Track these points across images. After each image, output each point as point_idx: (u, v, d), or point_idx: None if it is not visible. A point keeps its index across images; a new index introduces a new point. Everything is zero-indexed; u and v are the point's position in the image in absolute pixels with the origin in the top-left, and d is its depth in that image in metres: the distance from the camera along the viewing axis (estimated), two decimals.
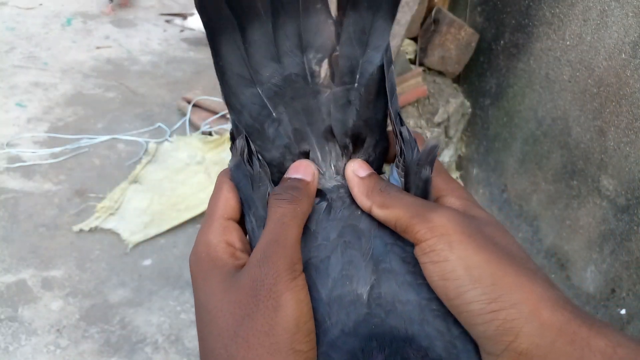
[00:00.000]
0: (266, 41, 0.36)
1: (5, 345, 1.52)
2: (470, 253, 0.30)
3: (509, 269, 0.29)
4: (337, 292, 0.33)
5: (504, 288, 0.29)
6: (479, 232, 0.31)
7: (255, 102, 0.37)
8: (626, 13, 1.39)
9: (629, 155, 1.41)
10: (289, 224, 0.33)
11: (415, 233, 0.32)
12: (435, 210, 0.32)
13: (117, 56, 3.08)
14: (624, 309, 1.47)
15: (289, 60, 0.36)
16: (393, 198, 0.34)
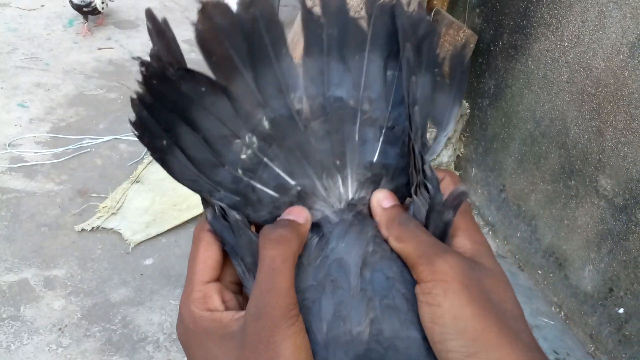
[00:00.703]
0: (249, 91, 0.38)
1: (8, 344, 1.53)
2: (461, 304, 0.31)
3: (493, 327, 0.30)
4: (333, 333, 0.34)
5: (483, 345, 0.30)
6: (476, 284, 0.32)
7: (244, 153, 0.38)
8: (624, 14, 1.40)
9: (627, 156, 1.42)
10: (280, 270, 0.33)
11: (419, 272, 0.33)
12: (442, 255, 0.33)
13: (119, 57, 3.09)
14: (621, 308, 1.48)
15: (275, 103, 0.38)
16: (409, 233, 0.35)
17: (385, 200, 0.38)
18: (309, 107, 0.39)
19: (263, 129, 0.38)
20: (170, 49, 0.36)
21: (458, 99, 0.41)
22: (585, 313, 1.59)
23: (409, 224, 0.36)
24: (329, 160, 0.40)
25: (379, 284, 0.35)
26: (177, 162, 0.36)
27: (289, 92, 0.39)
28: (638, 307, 1.42)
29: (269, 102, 0.38)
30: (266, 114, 0.38)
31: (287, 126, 0.39)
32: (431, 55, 0.40)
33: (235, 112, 0.38)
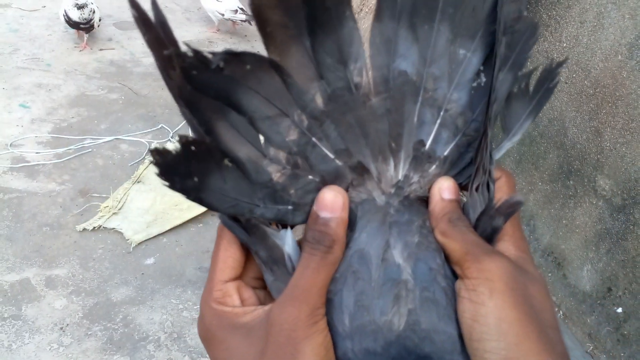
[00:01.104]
0: (304, 63, 0.35)
1: (9, 343, 1.53)
2: (506, 306, 0.31)
3: (533, 334, 0.30)
4: (357, 322, 0.34)
5: (523, 351, 0.30)
6: (522, 288, 0.32)
7: (291, 135, 0.36)
8: (622, 15, 1.40)
9: (625, 156, 1.43)
10: (320, 272, 0.33)
11: (464, 269, 0.33)
12: (490, 255, 0.33)
13: (120, 58, 3.10)
14: (620, 308, 1.48)
15: (332, 76, 0.36)
16: (457, 231, 0.35)
17: (447, 191, 0.37)
18: (372, 80, 0.37)
19: (315, 106, 0.36)
20: (168, 35, 0.34)
21: (534, 114, 0.39)
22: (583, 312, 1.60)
23: (458, 222, 0.36)
24: (384, 142, 0.38)
25: (421, 275, 0.35)
26: (214, 194, 0.34)
27: (350, 62, 0.36)
28: (636, 306, 1.43)
29: (325, 74, 0.36)
30: (321, 89, 0.36)
31: (343, 102, 0.36)
32: (521, 56, 0.38)
33: (286, 88, 0.35)
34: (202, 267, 1.86)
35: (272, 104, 0.35)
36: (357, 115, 0.37)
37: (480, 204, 0.36)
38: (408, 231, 0.36)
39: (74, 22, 3.04)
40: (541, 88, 0.39)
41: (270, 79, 0.35)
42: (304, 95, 0.36)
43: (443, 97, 0.38)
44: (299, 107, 0.36)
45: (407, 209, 0.37)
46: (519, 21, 0.38)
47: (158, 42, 0.33)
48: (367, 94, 0.37)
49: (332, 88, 0.36)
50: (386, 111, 0.37)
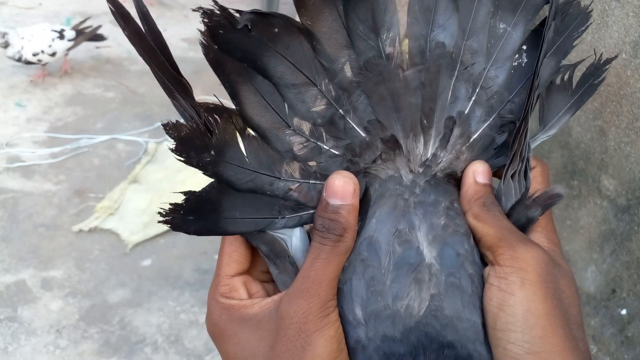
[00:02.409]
0: (336, 29, 0.33)
1: (5, 345, 1.52)
2: (536, 298, 0.30)
3: (560, 330, 0.30)
4: (371, 308, 0.32)
5: (549, 346, 0.29)
6: (554, 281, 0.32)
7: (318, 106, 0.34)
8: (626, 13, 1.39)
9: (630, 155, 1.42)
10: (330, 262, 0.33)
11: (497, 255, 0.32)
12: (525, 243, 0.32)
13: (117, 56, 3.08)
14: (624, 309, 1.47)
15: (364, 45, 0.34)
16: (491, 216, 0.34)
17: (482, 175, 0.36)
18: (409, 50, 0.35)
19: (345, 76, 0.34)
20: (151, 28, 0.33)
21: (574, 108, 0.38)
22: (587, 314, 1.59)
23: (492, 207, 0.35)
24: (416, 117, 0.36)
25: (448, 259, 0.33)
26: (232, 167, 0.33)
27: (382, 31, 0.34)
28: None
29: (356, 43, 0.34)
30: (351, 58, 0.34)
31: (376, 73, 0.34)
32: (568, 43, 0.36)
33: (314, 55, 0.33)
34: (199, 268, 1.84)
35: (299, 71, 0.33)
36: (389, 87, 0.35)
37: (515, 192, 0.34)
38: (434, 212, 0.35)
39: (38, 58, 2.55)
40: (585, 83, 0.37)
41: (299, 44, 0.33)
42: (333, 63, 0.34)
43: (480, 73, 0.36)
44: (327, 76, 0.34)
45: (434, 189, 0.36)
46: (572, 6, 0.36)
47: (138, 35, 0.33)
48: (399, 65, 0.35)
49: (364, 58, 0.34)
50: (420, 84, 0.35)
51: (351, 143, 0.35)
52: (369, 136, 0.35)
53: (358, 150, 0.35)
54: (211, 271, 1.84)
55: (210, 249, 1.92)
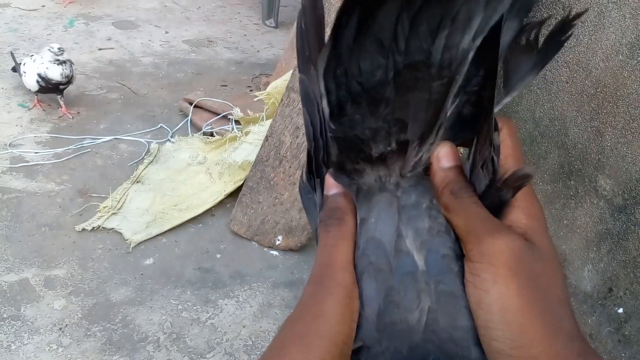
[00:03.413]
0: (434, 15, 0.30)
1: (8, 343, 1.53)
2: (510, 294, 0.30)
3: (538, 319, 0.30)
4: (389, 319, 0.33)
5: (528, 338, 0.30)
6: (526, 269, 0.31)
7: (375, 73, 0.31)
8: (623, 14, 1.40)
9: (626, 156, 1.43)
10: (337, 246, 0.34)
11: (467, 250, 0.32)
12: (493, 234, 0.31)
13: (119, 57, 3.10)
14: (621, 308, 1.48)
15: (416, 46, 0.31)
16: (460, 204, 0.34)
17: (445, 159, 0.35)
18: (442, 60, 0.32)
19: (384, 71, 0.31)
20: None
21: (539, 67, 0.36)
22: (584, 313, 1.60)
23: (462, 193, 0.34)
24: (424, 127, 0.34)
25: (434, 266, 0.33)
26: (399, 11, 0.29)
27: (441, 37, 0.30)
28: (637, 307, 1.42)
29: (410, 41, 0.30)
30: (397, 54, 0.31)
31: (411, 79, 0.32)
32: (528, 2, 0.35)
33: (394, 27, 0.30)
34: (201, 267, 1.86)
35: (395, 31, 0.30)
36: (417, 96, 0.33)
37: (485, 176, 0.34)
38: (417, 216, 0.35)
39: (54, 84, 2.39)
40: (552, 40, 0.36)
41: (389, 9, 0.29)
42: (401, 43, 0.30)
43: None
44: (392, 55, 0.31)
45: (414, 189, 0.35)
46: None
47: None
48: (435, 76, 0.32)
49: (409, 59, 0.31)
50: (440, 96, 0.33)
51: (374, 128, 0.34)
52: (385, 130, 0.34)
53: (373, 136, 0.34)
54: (212, 270, 1.85)
55: (212, 248, 1.93)
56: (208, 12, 3.84)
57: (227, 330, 1.65)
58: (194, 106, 2.60)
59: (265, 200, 1.95)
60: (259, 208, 1.97)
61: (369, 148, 0.34)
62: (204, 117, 2.56)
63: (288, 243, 1.95)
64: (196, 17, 3.71)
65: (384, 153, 0.34)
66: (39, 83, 2.37)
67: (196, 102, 2.60)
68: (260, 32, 3.69)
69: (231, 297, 1.76)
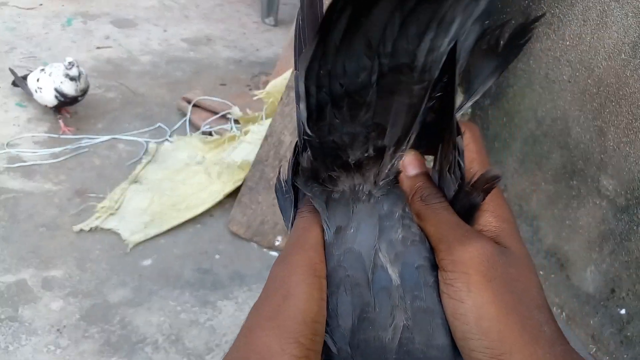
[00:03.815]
0: (425, 16, 0.29)
1: (6, 345, 1.52)
2: (484, 301, 0.30)
3: (517, 325, 0.29)
4: (362, 336, 0.32)
5: (508, 346, 0.29)
6: (500, 275, 0.31)
7: (360, 74, 0.30)
8: (626, 13, 1.39)
9: (629, 155, 1.42)
10: (308, 229, 0.34)
11: (439, 259, 0.32)
12: (464, 241, 0.31)
13: (117, 56, 3.08)
14: (623, 309, 1.47)
15: (402, 47, 0.30)
16: (430, 211, 0.33)
17: (411, 167, 0.35)
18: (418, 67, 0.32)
19: (368, 72, 0.30)
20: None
21: (499, 70, 0.36)
22: (587, 314, 1.59)
23: (432, 198, 0.34)
24: (401, 133, 0.33)
25: (409, 279, 0.32)
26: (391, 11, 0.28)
27: (426, 39, 0.29)
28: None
29: (397, 43, 0.29)
30: (382, 57, 0.30)
31: (394, 82, 0.31)
32: (491, 6, 0.33)
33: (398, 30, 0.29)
34: (200, 268, 1.85)
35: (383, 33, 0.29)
36: (398, 101, 0.32)
37: (453, 182, 0.34)
38: (391, 227, 0.34)
39: (71, 98, 2.33)
40: (511, 43, 0.36)
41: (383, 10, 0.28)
42: (385, 45, 0.30)
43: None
44: (378, 57, 0.30)
45: (386, 198, 0.35)
46: None
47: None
48: (416, 81, 0.31)
49: (395, 62, 0.30)
50: (419, 101, 0.32)
51: (353, 132, 0.33)
52: (363, 136, 0.33)
53: (350, 142, 0.33)
54: (211, 271, 1.84)
55: (211, 248, 1.92)
56: (207, 11, 3.82)
57: (226, 331, 1.64)
58: (193, 105, 2.58)
59: (264, 200, 1.94)
60: (258, 208, 1.95)
61: (346, 154, 0.33)
62: (203, 116, 2.55)
63: None
64: (195, 16, 3.69)
65: (360, 160, 0.34)
66: (57, 98, 2.30)
67: (195, 101, 2.59)
68: (260, 30, 3.68)
69: (230, 299, 1.75)
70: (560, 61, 1.61)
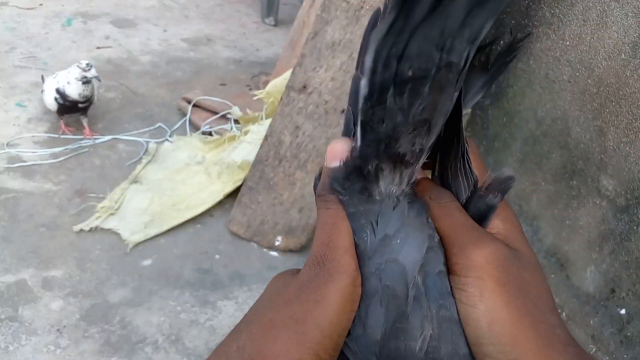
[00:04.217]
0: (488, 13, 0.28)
1: (6, 345, 1.52)
2: (497, 307, 0.29)
3: (530, 330, 0.29)
4: (393, 345, 0.31)
5: (521, 351, 0.29)
6: (514, 280, 0.30)
7: (428, 61, 0.29)
8: (626, 13, 1.39)
9: (629, 155, 1.42)
10: (338, 226, 0.32)
11: (452, 263, 0.31)
12: (478, 245, 0.31)
13: (117, 56, 3.08)
14: (623, 309, 1.47)
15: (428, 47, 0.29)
16: (445, 211, 0.33)
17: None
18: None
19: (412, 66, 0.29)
20: None
21: (487, 86, 0.37)
22: (586, 314, 1.59)
23: (442, 197, 0.33)
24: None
25: (433, 288, 0.32)
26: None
27: (461, 38, 0.28)
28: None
29: (441, 45, 0.28)
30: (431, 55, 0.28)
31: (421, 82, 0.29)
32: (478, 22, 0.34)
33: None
34: (200, 268, 1.85)
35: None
36: (442, 100, 0.31)
37: (465, 186, 0.33)
38: (420, 231, 0.33)
39: (71, 102, 2.25)
40: (498, 60, 0.37)
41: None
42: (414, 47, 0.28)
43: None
44: (442, 49, 0.29)
45: (411, 205, 0.34)
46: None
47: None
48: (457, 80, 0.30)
49: (449, 58, 0.29)
50: (452, 103, 0.32)
51: (397, 126, 0.31)
52: (412, 129, 0.31)
53: (401, 132, 0.31)
54: (211, 271, 1.84)
55: (211, 248, 1.92)
56: (207, 11, 3.82)
57: (227, 331, 1.63)
58: (193, 105, 2.58)
59: (264, 200, 1.94)
60: (258, 208, 1.95)
61: (397, 145, 0.31)
62: (203, 116, 2.55)
63: (287, 244, 1.94)
64: (195, 16, 3.69)
65: (405, 154, 0.32)
66: (57, 100, 2.24)
67: (195, 101, 2.59)
68: (260, 30, 3.68)
69: (230, 299, 1.75)
70: (560, 61, 1.61)
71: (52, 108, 2.31)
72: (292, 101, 1.88)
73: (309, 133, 1.86)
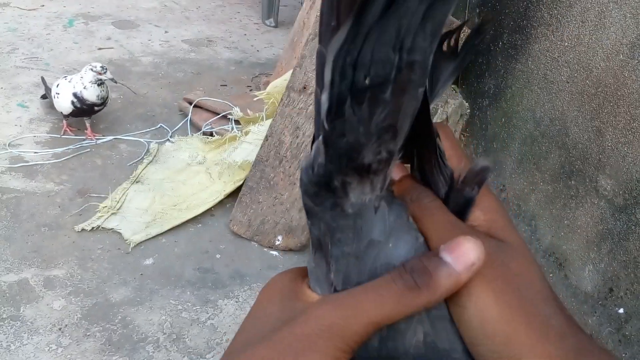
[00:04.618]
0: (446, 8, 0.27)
1: (8, 344, 1.53)
2: (487, 304, 0.28)
3: (522, 325, 0.28)
4: (391, 344, 0.31)
5: (515, 348, 0.28)
6: (501, 274, 0.29)
7: (385, 66, 0.27)
8: (624, 14, 1.40)
9: (627, 156, 1.42)
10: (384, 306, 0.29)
11: None
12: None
13: (119, 57, 3.09)
14: (621, 308, 1.48)
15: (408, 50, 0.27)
16: (426, 212, 0.32)
17: (394, 171, 0.33)
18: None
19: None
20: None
21: (457, 72, 0.36)
22: (585, 313, 1.59)
23: (423, 198, 0.32)
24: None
25: None
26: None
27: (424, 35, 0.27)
28: (638, 307, 1.42)
29: (405, 46, 0.27)
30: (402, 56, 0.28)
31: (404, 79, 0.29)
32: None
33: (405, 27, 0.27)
34: (200, 267, 1.86)
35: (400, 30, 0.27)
36: (406, 102, 0.29)
37: (442, 182, 0.32)
38: (405, 232, 0.32)
39: (89, 105, 2.27)
40: (466, 47, 0.36)
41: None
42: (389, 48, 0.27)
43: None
44: (400, 50, 0.27)
45: (391, 205, 0.33)
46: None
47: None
48: (422, 79, 0.29)
49: (410, 58, 0.27)
50: (417, 104, 0.30)
51: (362, 133, 0.30)
52: (377, 137, 0.30)
53: (363, 142, 0.30)
54: (212, 270, 1.85)
55: (212, 248, 1.93)
56: (208, 12, 3.84)
57: (227, 330, 1.65)
58: (194, 106, 2.59)
59: (265, 200, 1.95)
60: (259, 208, 1.96)
61: (362, 157, 0.30)
62: (204, 116, 2.56)
63: (288, 243, 1.95)
64: (196, 17, 3.71)
65: (371, 164, 0.31)
66: (74, 104, 2.24)
67: (196, 102, 2.60)
68: (260, 31, 3.69)
69: (231, 298, 1.76)
70: (559, 62, 1.62)
71: (65, 112, 2.30)
72: (293, 102, 1.89)
73: (309, 133, 1.87)
